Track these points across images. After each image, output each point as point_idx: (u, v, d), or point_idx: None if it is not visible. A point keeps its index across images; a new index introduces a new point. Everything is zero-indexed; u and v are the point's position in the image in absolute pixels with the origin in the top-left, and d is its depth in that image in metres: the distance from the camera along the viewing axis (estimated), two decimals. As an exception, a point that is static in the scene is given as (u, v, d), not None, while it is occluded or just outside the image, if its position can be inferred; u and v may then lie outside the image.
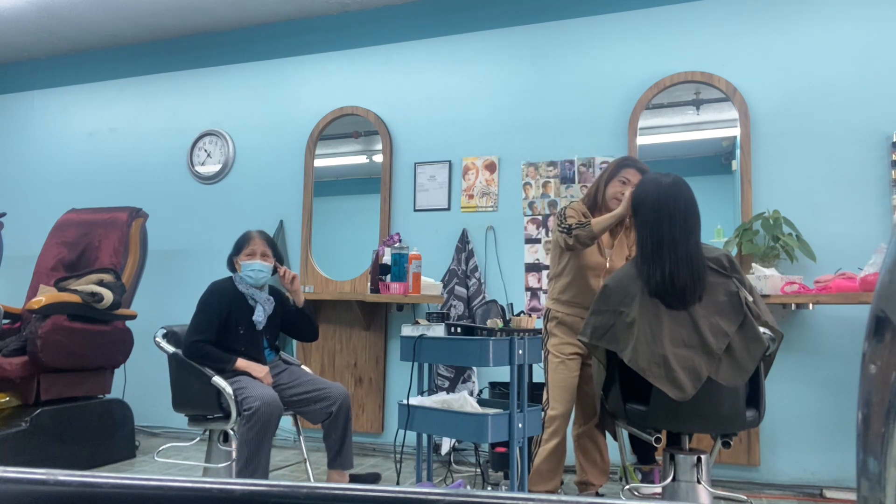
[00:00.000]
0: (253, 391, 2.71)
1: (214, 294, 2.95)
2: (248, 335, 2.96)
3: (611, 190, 2.80)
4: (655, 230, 2.28)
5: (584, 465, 2.88)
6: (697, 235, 2.30)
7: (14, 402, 3.52)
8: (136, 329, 4.05)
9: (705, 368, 2.14)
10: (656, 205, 2.29)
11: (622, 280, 2.35)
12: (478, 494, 0.52)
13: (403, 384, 3.80)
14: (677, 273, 2.21)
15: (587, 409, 2.85)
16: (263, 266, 2.97)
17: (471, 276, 3.96)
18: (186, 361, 2.88)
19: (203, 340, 2.85)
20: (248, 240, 3.01)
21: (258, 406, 2.65)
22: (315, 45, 4.64)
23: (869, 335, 0.51)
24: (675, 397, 2.12)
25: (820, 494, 3.28)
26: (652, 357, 2.16)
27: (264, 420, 2.65)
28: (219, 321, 2.90)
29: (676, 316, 2.21)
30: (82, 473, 0.54)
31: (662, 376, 2.14)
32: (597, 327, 2.35)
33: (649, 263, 2.26)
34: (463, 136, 4.18)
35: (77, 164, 5.24)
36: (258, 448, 2.66)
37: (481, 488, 3.19)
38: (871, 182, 3.39)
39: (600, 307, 2.37)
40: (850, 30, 3.51)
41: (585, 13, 4.01)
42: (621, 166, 2.82)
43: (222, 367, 2.83)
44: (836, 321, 3.36)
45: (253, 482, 0.53)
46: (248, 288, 2.98)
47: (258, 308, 2.98)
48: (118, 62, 5.24)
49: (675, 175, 2.36)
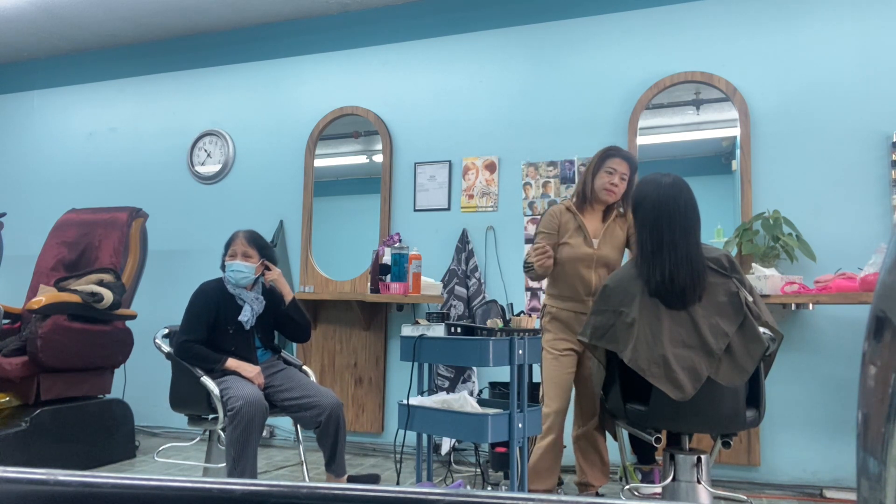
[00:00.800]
0: (237, 391, 2.69)
1: (201, 294, 2.96)
2: (238, 335, 2.95)
3: (598, 182, 2.81)
4: (655, 230, 2.28)
5: (583, 466, 2.87)
6: (697, 235, 2.30)
7: (14, 402, 3.52)
8: (136, 329, 4.05)
9: (705, 368, 2.14)
10: (656, 205, 2.29)
11: (622, 280, 2.35)
12: (478, 494, 0.52)
13: (403, 384, 3.80)
14: (677, 273, 2.21)
15: (585, 409, 2.84)
16: (243, 266, 2.94)
17: (471, 276, 3.96)
18: (178, 361, 2.89)
19: (192, 340, 2.85)
20: (231, 240, 3.01)
21: (240, 405, 2.63)
22: (315, 45, 4.64)
23: (869, 335, 0.51)
24: (675, 397, 2.12)
25: (820, 494, 3.28)
26: (652, 357, 2.17)
27: (247, 419, 2.63)
28: (207, 321, 2.90)
29: (676, 316, 2.21)
30: (82, 473, 0.54)
31: (662, 376, 2.14)
32: (597, 327, 2.35)
33: (649, 264, 2.27)
34: (463, 136, 4.18)
35: (77, 164, 5.24)
36: (244, 448, 2.63)
37: (481, 488, 3.19)
38: (871, 182, 3.39)
39: (600, 307, 2.37)
40: (851, 30, 3.51)
41: (585, 13, 4.01)
42: (606, 157, 2.82)
43: (212, 367, 2.82)
44: (836, 321, 3.36)
45: (253, 482, 0.53)
46: (235, 288, 2.98)
47: (245, 308, 2.97)
48: (118, 62, 5.24)
49: (674, 175, 2.36)
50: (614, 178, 2.79)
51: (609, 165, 2.80)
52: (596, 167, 2.83)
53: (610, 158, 2.80)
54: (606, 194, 2.80)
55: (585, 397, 2.83)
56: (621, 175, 2.79)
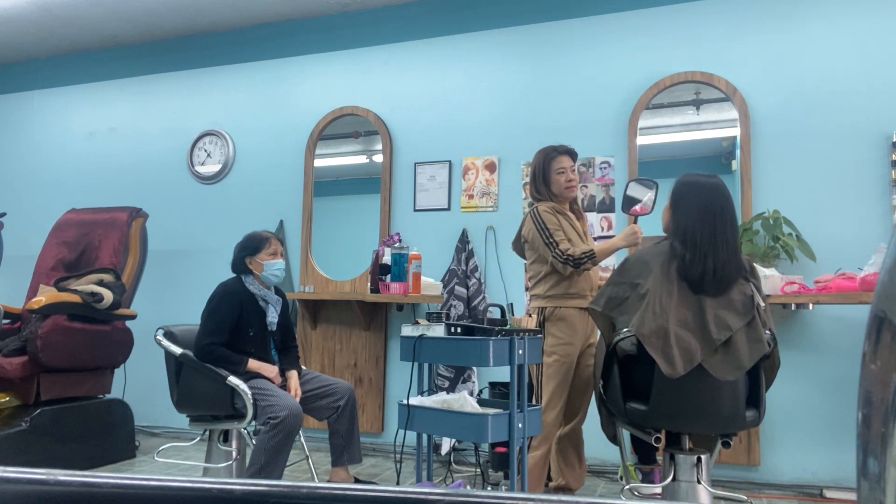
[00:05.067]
0: (279, 400, 2.72)
1: (226, 296, 2.94)
2: (258, 336, 2.97)
3: (556, 187, 2.83)
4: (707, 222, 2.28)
5: (562, 468, 2.80)
6: (737, 233, 2.32)
7: (14, 402, 3.52)
8: (136, 329, 4.05)
9: (700, 354, 2.15)
10: (708, 197, 2.31)
11: (643, 255, 2.39)
12: (478, 494, 0.52)
13: (403, 384, 3.80)
14: (727, 265, 2.23)
15: (571, 407, 2.79)
16: (284, 265, 3.07)
17: (471, 276, 3.96)
18: (196, 362, 2.87)
19: (216, 343, 2.85)
20: (266, 240, 3.03)
21: (285, 416, 2.65)
22: (315, 45, 4.64)
23: (869, 335, 0.51)
24: (666, 372, 2.14)
25: (820, 494, 3.28)
26: (655, 328, 2.19)
27: (288, 430, 2.67)
28: (231, 323, 2.90)
29: (687, 300, 2.23)
30: (82, 473, 0.54)
31: (659, 349, 2.17)
32: (612, 298, 2.38)
33: (690, 247, 2.27)
34: (463, 136, 4.18)
35: (77, 164, 5.24)
36: (276, 456, 2.67)
37: (481, 488, 3.19)
38: (871, 182, 3.39)
39: (617, 279, 2.40)
40: (850, 30, 3.51)
41: (585, 13, 4.01)
42: (548, 160, 2.84)
43: (235, 370, 2.83)
44: (836, 321, 3.36)
45: (253, 482, 0.53)
46: (261, 289, 2.99)
47: (270, 309, 3.00)
48: (118, 62, 5.24)
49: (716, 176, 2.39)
50: (568, 174, 2.83)
51: (559, 166, 2.83)
52: (545, 174, 2.84)
53: (553, 160, 2.83)
54: (571, 191, 2.83)
55: (573, 396, 2.78)
56: (571, 168, 2.84)
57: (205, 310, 2.94)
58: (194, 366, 2.88)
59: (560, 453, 2.81)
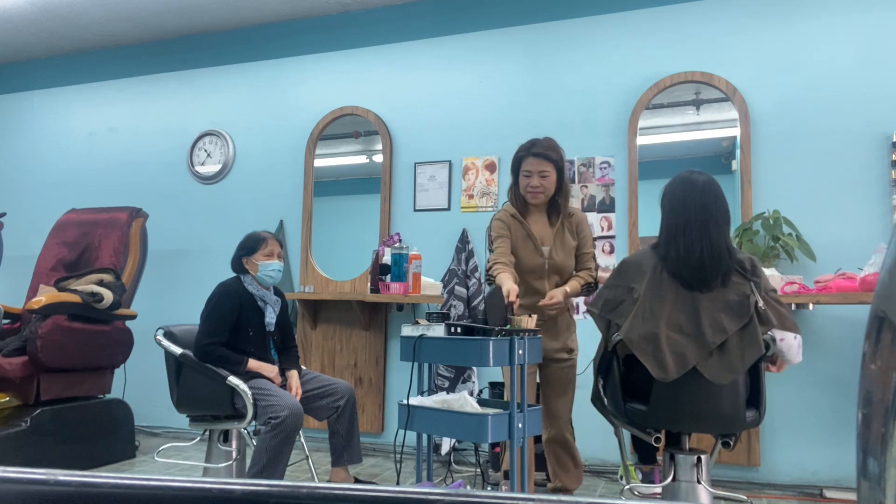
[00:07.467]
0: (280, 400, 2.72)
1: (226, 296, 2.94)
2: (257, 336, 2.97)
3: (521, 188, 2.70)
4: (681, 213, 2.29)
5: (557, 470, 2.76)
6: (723, 225, 2.30)
7: (14, 402, 3.52)
8: (136, 329, 4.05)
9: (693, 357, 2.15)
10: (685, 192, 2.31)
11: (639, 257, 2.40)
12: (478, 494, 0.52)
13: (403, 384, 3.80)
14: (694, 249, 2.22)
15: (552, 411, 2.72)
16: (281, 266, 3.03)
17: (471, 276, 3.96)
18: (196, 362, 2.87)
19: (216, 342, 2.85)
20: (263, 240, 3.02)
21: (286, 416, 2.66)
22: (315, 45, 4.64)
23: (869, 335, 0.51)
24: (657, 377, 2.14)
25: (820, 494, 3.28)
26: (644, 333, 2.19)
27: (289, 430, 2.67)
28: (231, 323, 2.90)
29: (681, 302, 2.22)
30: (82, 473, 0.54)
31: (649, 354, 2.17)
32: (608, 300, 2.39)
33: (670, 241, 2.28)
34: (463, 136, 4.18)
35: (77, 164, 5.24)
36: (278, 456, 2.67)
37: (481, 488, 3.19)
38: (871, 182, 3.39)
39: (614, 281, 2.40)
40: (850, 30, 3.51)
41: (585, 13, 4.01)
42: (518, 160, 2.69)
43: (235, 370, 2.83)
44: (836, 321, 3.36)
45: (253, 482, 0.53)
46: (259, 289, 2.99)
47: (268, 310, 3.00)
48: (118, 62, 5.24)
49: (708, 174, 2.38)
50: (532, 179, 2.63)
51: (524, 169, 2.66)
52: (514, 174, 2.72)
53: (522, 161, 2.67)
54: (531, 197, 2.66)
55: (551, 398, 2.73)
56: (539, 174, 2.62)
57: (204, 310, 2.94)
58: (194, 366, 2.88)
59: (553, 455, 2.76)
